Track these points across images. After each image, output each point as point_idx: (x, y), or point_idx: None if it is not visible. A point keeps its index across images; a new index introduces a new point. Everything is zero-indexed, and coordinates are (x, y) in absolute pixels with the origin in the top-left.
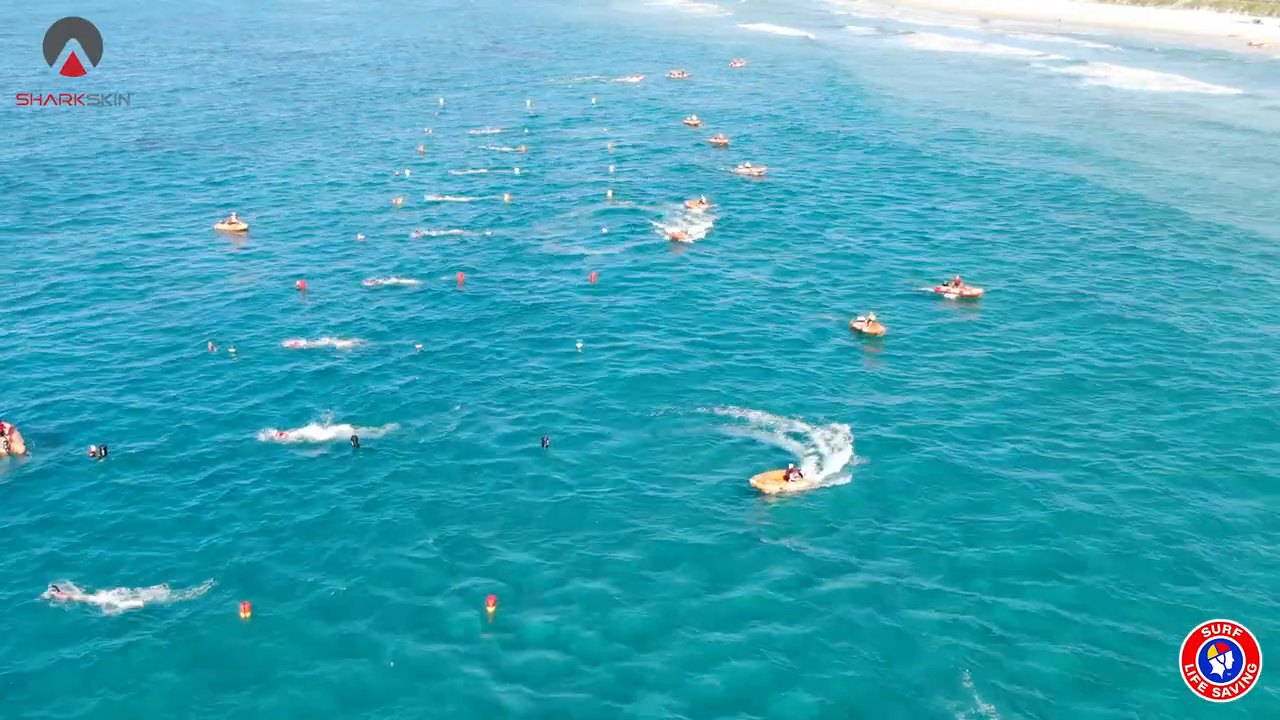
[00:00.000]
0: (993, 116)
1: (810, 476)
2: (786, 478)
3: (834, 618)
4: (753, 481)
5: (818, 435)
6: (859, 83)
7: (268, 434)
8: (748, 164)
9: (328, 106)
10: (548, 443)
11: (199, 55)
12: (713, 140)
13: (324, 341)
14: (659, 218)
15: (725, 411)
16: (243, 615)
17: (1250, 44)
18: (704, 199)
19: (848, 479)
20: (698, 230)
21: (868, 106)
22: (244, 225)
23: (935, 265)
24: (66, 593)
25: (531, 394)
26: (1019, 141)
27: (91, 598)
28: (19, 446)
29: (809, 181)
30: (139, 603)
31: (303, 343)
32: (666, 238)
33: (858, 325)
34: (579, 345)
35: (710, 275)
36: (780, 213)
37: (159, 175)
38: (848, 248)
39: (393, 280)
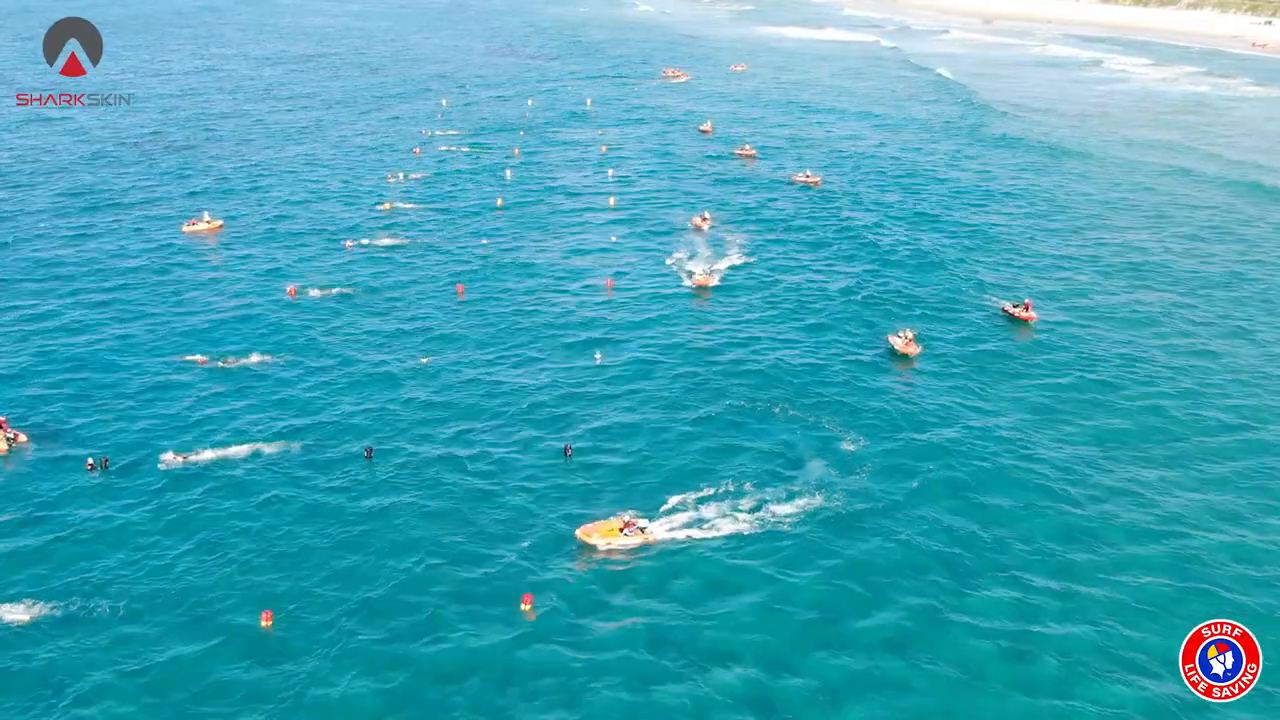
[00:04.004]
0: (1069, 115)
1: (652, 531)
2: (622, 530)
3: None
4: (578, 533)
5: (822, 456)
6: (892, 85)
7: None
8: (807, 172)
9: (328, 109)
10: (570, 452)
11: (202, 58)
12: (739, 151)
13: (317, 355)
14: (670, 232)
15: (739, 422)
16: (264, 624)
17: (1253, 44)
18: (707, 214)
19: (836, 505)
20: (720, 257)
21: (909, 110)
22: (218, 223)
23: (1000, 282)
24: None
25: (547, 404)
26: (1100, 147)
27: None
28: (23, 438)
29: (851, 189)
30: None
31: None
32: (691, 285)
33: (895, 342)
34: (597, 357)
35: (732, 283)
36: (825, 221)
37: (159, 177)
38: (903, 259)
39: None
